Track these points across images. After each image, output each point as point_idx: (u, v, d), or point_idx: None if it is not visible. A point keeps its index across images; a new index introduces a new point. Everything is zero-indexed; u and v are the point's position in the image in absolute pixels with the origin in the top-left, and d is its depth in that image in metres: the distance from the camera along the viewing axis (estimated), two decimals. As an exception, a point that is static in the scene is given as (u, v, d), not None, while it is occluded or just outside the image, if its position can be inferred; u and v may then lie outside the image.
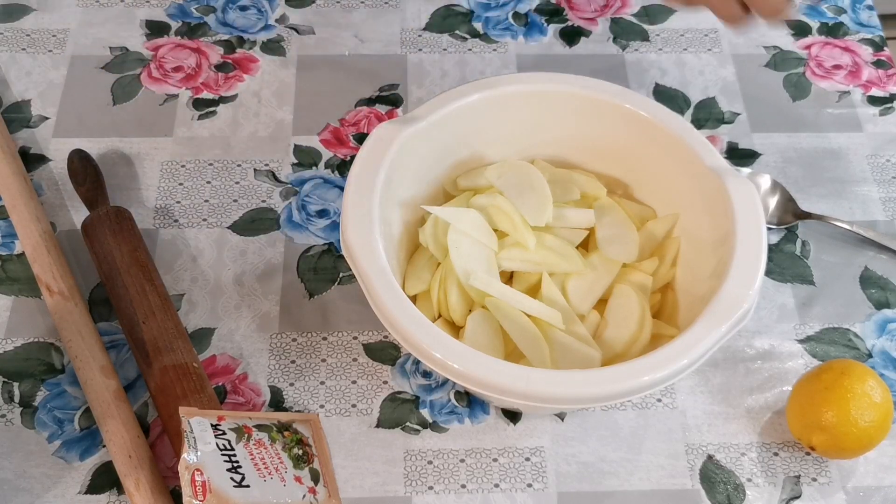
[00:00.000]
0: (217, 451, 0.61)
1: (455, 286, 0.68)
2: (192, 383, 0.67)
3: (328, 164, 0.82)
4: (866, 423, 0.64)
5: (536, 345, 0.66)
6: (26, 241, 0.74)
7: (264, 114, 0.85)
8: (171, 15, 0.91)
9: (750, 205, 0.66)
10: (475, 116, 0.71)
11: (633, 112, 0.71)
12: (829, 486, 0.67)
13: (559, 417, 0.70)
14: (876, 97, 0.88)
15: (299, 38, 0.90)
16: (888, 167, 0.84)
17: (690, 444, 0.69)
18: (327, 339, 0.73)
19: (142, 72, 0.87)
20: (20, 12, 0.91)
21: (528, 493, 0.66)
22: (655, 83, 0.88)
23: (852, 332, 0.75)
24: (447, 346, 0.59)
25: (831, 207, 0.81)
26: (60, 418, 0.68)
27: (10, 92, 0.86)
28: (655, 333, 0.68)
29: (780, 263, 0.78)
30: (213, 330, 0.73)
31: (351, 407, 0.70)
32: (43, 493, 0.65)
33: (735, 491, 0.67)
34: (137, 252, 0.73)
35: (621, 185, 0.76)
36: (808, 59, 0.91)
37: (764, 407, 0.71)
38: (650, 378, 0.59)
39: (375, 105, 0.86)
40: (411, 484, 0.67)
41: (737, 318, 0.61)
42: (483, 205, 0.71)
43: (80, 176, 0.77)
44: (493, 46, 0.91)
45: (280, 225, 0.78)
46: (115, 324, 0.73)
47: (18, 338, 0.72)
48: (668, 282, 0.72)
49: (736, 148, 0.84)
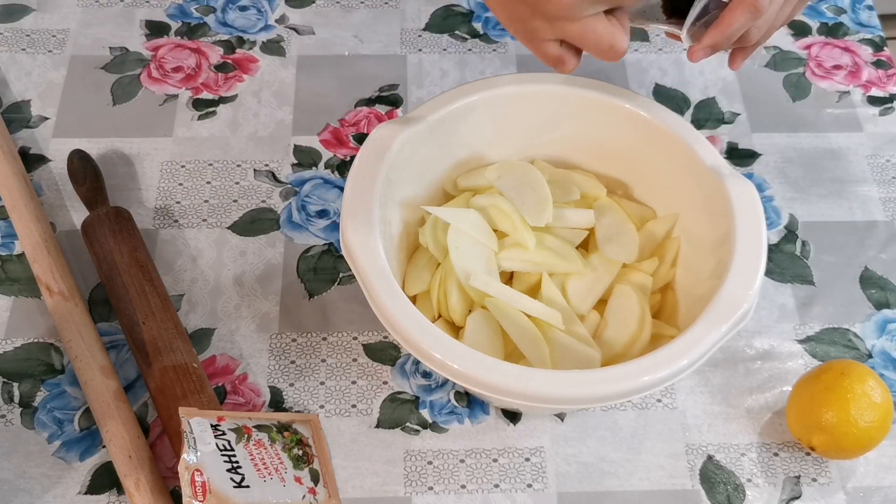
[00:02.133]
0: (217, 451, 0.61)
1: (455, 286, 0.68)
2: (191, 384, 0.67)
3: (328, 165, 0.82)
4: (866, 424, 0.64)
5: (536, 345, 0.66)
6: (26, 242, 0.74)
7: (264, 114, 0.85)
8: (171, 15, 0.91)
9: (750, 205, 0.66)
10: (475, 116, 0.71)
11: (633, 112, 0.71)
12: (829, 487, 0.67)
13: (559, 417, 0.70)
14: (876, 97, 0.88)
15: (299, 38, 0.90)
16: (888, 167, 0.84)
17: (690, 445, 0.69)
18: (327, 339, 0.73)
19: (142, 72, 0.87)
20: (20, 12, 0.91)
21: (528, 494, 0.66)
22: (655, 83, 0.88)
23: (852, 332, 0.75)
24: (447, 346, 0.59)
25: (831, 207, 0.81)
26: (60, 419, 0.68)
27: (10, 92, 0.86)
28: (655, 333, 0.68)
29: (780, 263, 0.78)
30: (213, 330, 0.73)
31: (351, 407, 0.70)
32: (43, 494, 0.65)
33: (735, 491, 0.67)
34: (137, 252, 0.73)
35: (621, 185, 0.76)
36: (808, 59, 0.91)
37: (764, 407, 0.71)
38: (650, 378, 0.59)
39: (375, 105, 0.86)
40: (411, 484, 0.67)
41: (737, 318, 0.61)
42: (483, 205, 0.71)
43: (80, 176, 0.77)
44: (493, 46, 0.91)
45: (280, 225, 0.78)
46: (115, 324, 0.73)
47: (18, 338, 0.72)
48: (668, 282, 0.72)
49: (736, 148, 0.84)
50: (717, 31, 0.61)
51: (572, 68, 0.65)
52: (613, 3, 0.60)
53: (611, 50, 0.61)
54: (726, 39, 0.62)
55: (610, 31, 0.61)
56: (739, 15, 0.60)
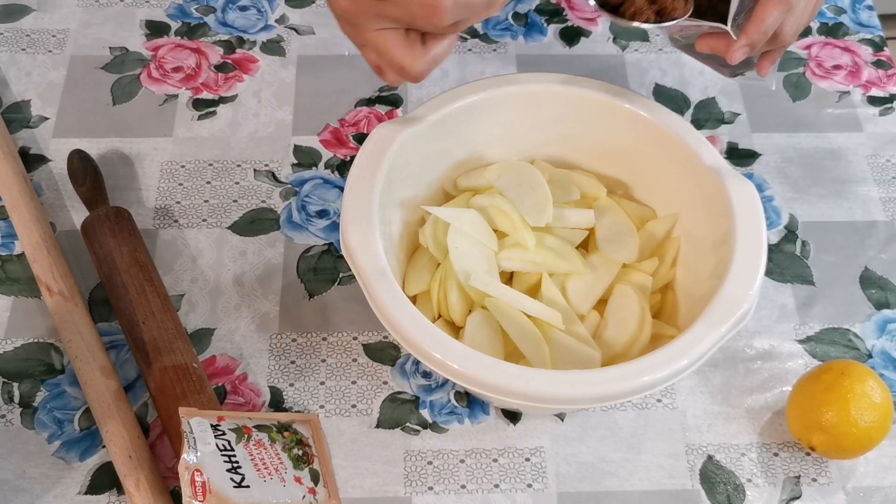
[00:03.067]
0: (217, 451, 0.61)
1: (455, 286, 0.68)
2: (191, 384, 0.67)
3: (328, 165, 0.82)
4: (866, 424, 0.64)
5: (536, 345, 0.66)
6: (26, 242, 0.74)
7: (264, 114, 0.85)
8: (171, 15, 0.91)
9: (750, 205, 0.66)
10: (475, 116, 0.71)
11: (633, 112, 0.71)
12: (829, 487, 0.67)
13: (559, 417, 0.70)
14: (876, 97, 0.88)
15: (299, 38, 0.90)
16: (888, 167, 0.84)
17: (690, 445, 0.69)
18: (327, 339, 0.73)
19: (142, 72, 0.87)
20: (20, 12, 0.91)
21: (528, 494, 0.66)
22: (655, 83, 0.88)
23: (852, 332, 0.75)
24: (447, 346, 0.59)
25: (831, 207, 0.81)
26: (60, 419, 0.68)
27: (10, 92, 0.86)
28: (655, 333, 0.68)
29: (780, 263, 0.78)
30: (213, 330, 0.73)
31: (351, 407, 0.70)
32: (43, 494, 0.65)
33: (735, 491, 0.67)
34: (137, 252, 0.73)
35: (621, 185, 0.76)
36: (808, 59, 0.91)
37: (764, 407, 0.71)
38: (650, 378, 0.59)
39: (375, 105, 0.86)
40: (411, 484, 0.67)
41: (737, 318, 0.61)
42: (483, 205, 0.71)
43: (80, 176, 0.77)
44: (493, 46, 0.91)
45: (280, 225, 0.78)
46: (115, 324, 0.73)
47: (18, 338, 0.72)
48: (668, 282, 0.72)
49: (736, 148, 0.84)
50: (753, 27, 0.62)
51: (392, 80, 0.60)
52: (404, 24, 0.56)
53: (401, 71, 0.57)
54: (762, 35, 0.62)
55: (402, 52, 0.56)
56: (772, 8, 0.61)
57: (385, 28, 0.56)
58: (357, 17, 0.56)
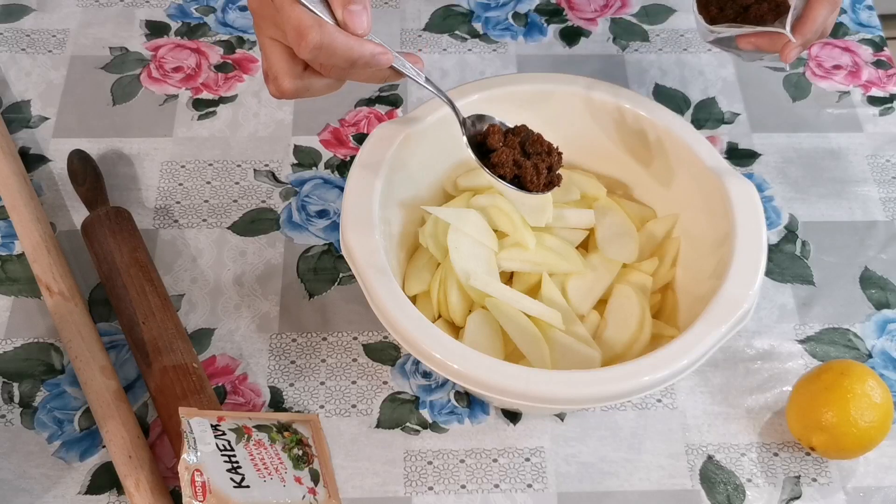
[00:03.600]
0: (217, 451, 0.61)
1: (455, 286, 0.68)
2: (191, 384, 0.67)
3: (328, 165, 0.82)
4: (866, 424, 0.64)
5: (536, 345, 0.66)
6: (26, 242, 0.74)
7: (264, 114, 0.85)
8: (171, 15, 0.91)
9: (750, 205, 0.66)
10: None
11: (634, 112, 0.71)
12: (829, 487, 0.67)
13: (559, 418, 0.70)
14: (876, 97, 0.88)
15: (299, 39, 0.90)
16: (888, 167, 0.84)
17: (690, 445, 0.69)
18: (327, 339, 0.73)
19: (142, 72, 0.87)
20: (20, 12, 0.91)
21: (528, 494, 0.66)
22: (655, 83, 0.88)
23: (852, 332, 0.75)
24: (447, 346, 0.59)
25: (831, 207, 0.81)
26: (60, 419, 0.68)
27: (10, 92, 0.86)
28: (655, 333, 0.68)
29: (780, 263, 0.78)
30: (213, 330, 0.73)
31: (351, 407, 0.70)
32: (43, 494, 0.65)
33: (735, 491, 0.67)
34: (137, 252, 0.73)
35: (621, 185, 0.76)
36: (807, 59, 0.91)
37: (764, 407, 0.71)
38: (650, 378, 0.59)
39: (375, 105, 0.86)
40: (411, 484, 0.67)
41: (737, 318, 0.61)
42: (483, 205, 0.71)
43: (80, 176, 0.77)
44: (493, 46, 0.91)
45: (280, 225, 0.78)
46: (115, 324, 0.73)
47: (18, 338, 0.72)
48: (668, 282, 0.72)
49: (736, 148, 0.84)
50: (807, 27, 0.64)
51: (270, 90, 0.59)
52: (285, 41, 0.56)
53: (274, 81, 0.58)
54: (815, 35, 0.65)
55: (281, 64, 0.57)
56: (821, 8, 0.64)
57: (276, 39, 0.58)
58: (259, 19, 0.59)
